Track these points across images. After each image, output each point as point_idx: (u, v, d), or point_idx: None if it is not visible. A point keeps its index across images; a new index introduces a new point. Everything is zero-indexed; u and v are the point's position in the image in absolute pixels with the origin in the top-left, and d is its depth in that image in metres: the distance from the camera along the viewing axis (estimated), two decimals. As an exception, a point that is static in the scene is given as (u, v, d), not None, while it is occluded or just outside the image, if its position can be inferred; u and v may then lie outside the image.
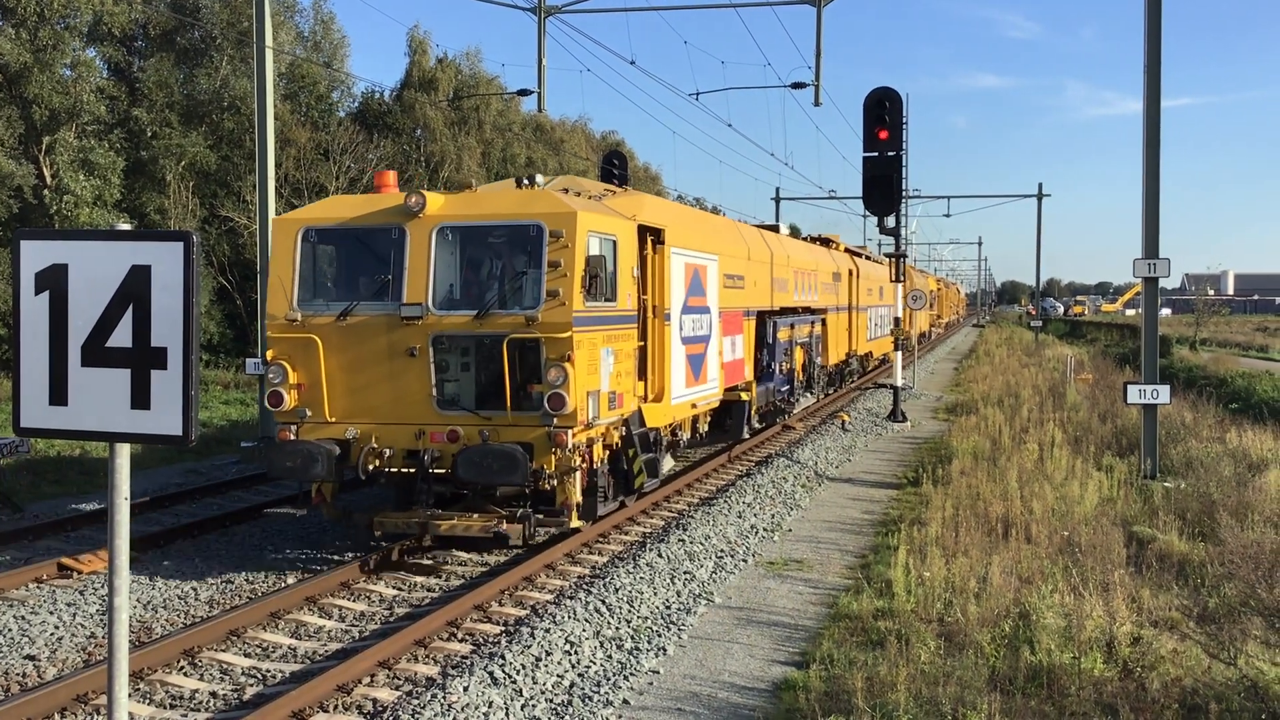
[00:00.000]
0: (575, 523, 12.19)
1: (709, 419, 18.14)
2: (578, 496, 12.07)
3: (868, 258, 39.96)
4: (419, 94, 48.78)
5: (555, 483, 11.82)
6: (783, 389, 22.07)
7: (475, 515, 12.11)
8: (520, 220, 12.03)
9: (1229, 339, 74.07)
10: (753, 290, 19.61)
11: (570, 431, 11.57)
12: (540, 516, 11.99)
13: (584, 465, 12.22)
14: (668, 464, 15.84)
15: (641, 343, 14.07)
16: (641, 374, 14.12)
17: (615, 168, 21.50)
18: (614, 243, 12.89)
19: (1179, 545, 12.39)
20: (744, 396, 18.80)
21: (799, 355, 23.98)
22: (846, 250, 33.38)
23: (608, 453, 13.26)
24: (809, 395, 25.63)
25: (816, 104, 27.38)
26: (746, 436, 20.26)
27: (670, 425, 15.60)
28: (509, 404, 11.65)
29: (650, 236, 14.48)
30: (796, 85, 29.19)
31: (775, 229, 24.94)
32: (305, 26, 46.40)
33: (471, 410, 11.89)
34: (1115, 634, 8.91)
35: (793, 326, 22.74)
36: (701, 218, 19.38)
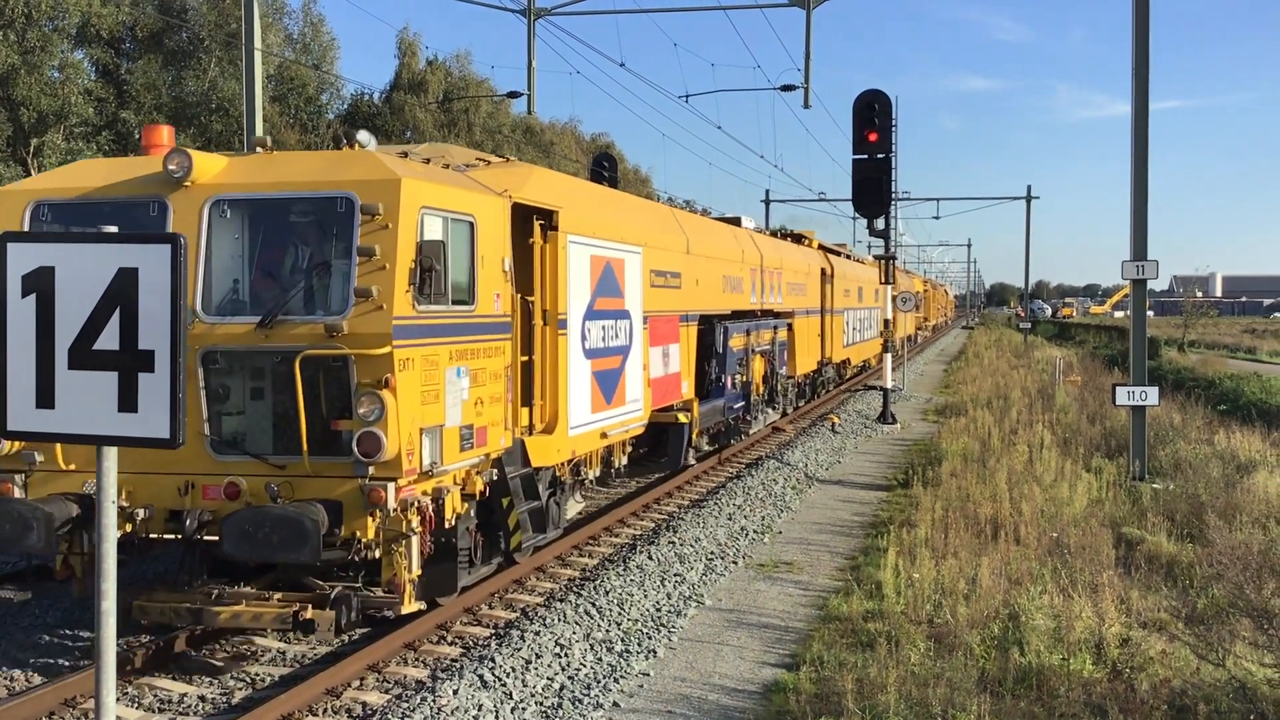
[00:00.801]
0: (410, 606, 8.99)
1: (629, 448, 15.22)
2: (411, 572, 8.87)
3: (847, 256, 37.86)
4: (408, 96, 48.75)
5: (380, 553, 8.80)
6: (736, 405, 19.44)
7: (276, 595, 9.03)
8: (323, 190, 8.91)
9: (1217, 341, 74.34)
10: (695, 290, 16.92)
11: (393, 485, 8.53)
12: (371, 593, 8.92)
13: (423, 529, 8.99)
14: (572, 508, 13.52)
15: (525, 357, 11.25)
16: (526, 398, 11.18)
17: (605, 169, 21.51)
18: (469, 225, 9.81)
19: (1168, 546, 12.43)
20: (682, 418, 16.00)
21: (759, 366, 21.35)
22: (821, 248, 31.06)
23: (471, 505, 10.09)
24: (771, 411, 23.07)
25: (806, 106, 27.48)
26: (691, 462, 17.64)
27: (571, 461, 12.62)
28: (306, 447, 8.55)
29: (538, 220, 11.41)
30: (786, 88, 29.31)
31: (736, 221, 22.35)
32: (294, 28, 46.31)
33: (259, 456, 8.79)
34: (1104, 635, 8.93)
35: (750, 333, 19.98)
36: (616, 199, 15.41)
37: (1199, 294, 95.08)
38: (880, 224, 25.12)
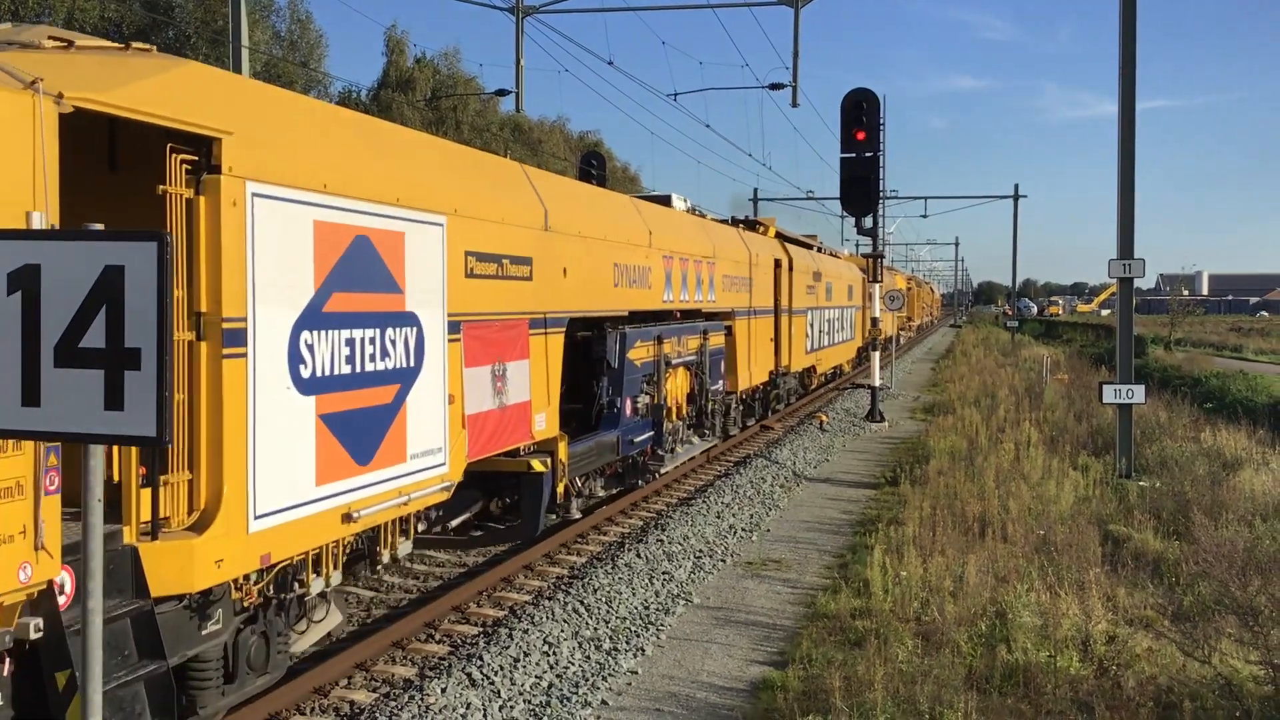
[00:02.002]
0: None
1: (421, 525, 10.00)
2: None
3: (818, 249, 34.00)
4: (396, 94, 48.67)
5: None
6: (639, 438, 14.70)
7: None
8: None
9: (1203, 339, 74.67)
10: (561, 284, 11.86)
11: None
12: None
13: None
14: (316, 632, 8.74)
15: None
16: (150, 478, 6.49)
17: (593, 168, 21.51)
18: None
19: (1154, 544, 12.48)
20: (537, 465, 11.32)
21: (679, 382, 16.96)
22: (780, 236, 26.58)
23: None
24: (698, 439, 18.46)
25: (794, 105, 27.50)
26: (576, 515, 13.30)
27: (272, 571, 7.55)
28: None
29: (177, 153, 6.67)
30: (774, 86, 29.31)
31: (666, 200, 18.44)
32: (281, 26, 46.21)
33: None
34: (1091, 632, 8.97)
35: (661, 340, 15.47)
36: (387, 135, 9.45)
37: (1185, 292, 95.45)
38: (868, 222, 25.17)
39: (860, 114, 22.18)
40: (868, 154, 22.22)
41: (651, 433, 15.37)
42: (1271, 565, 9.83)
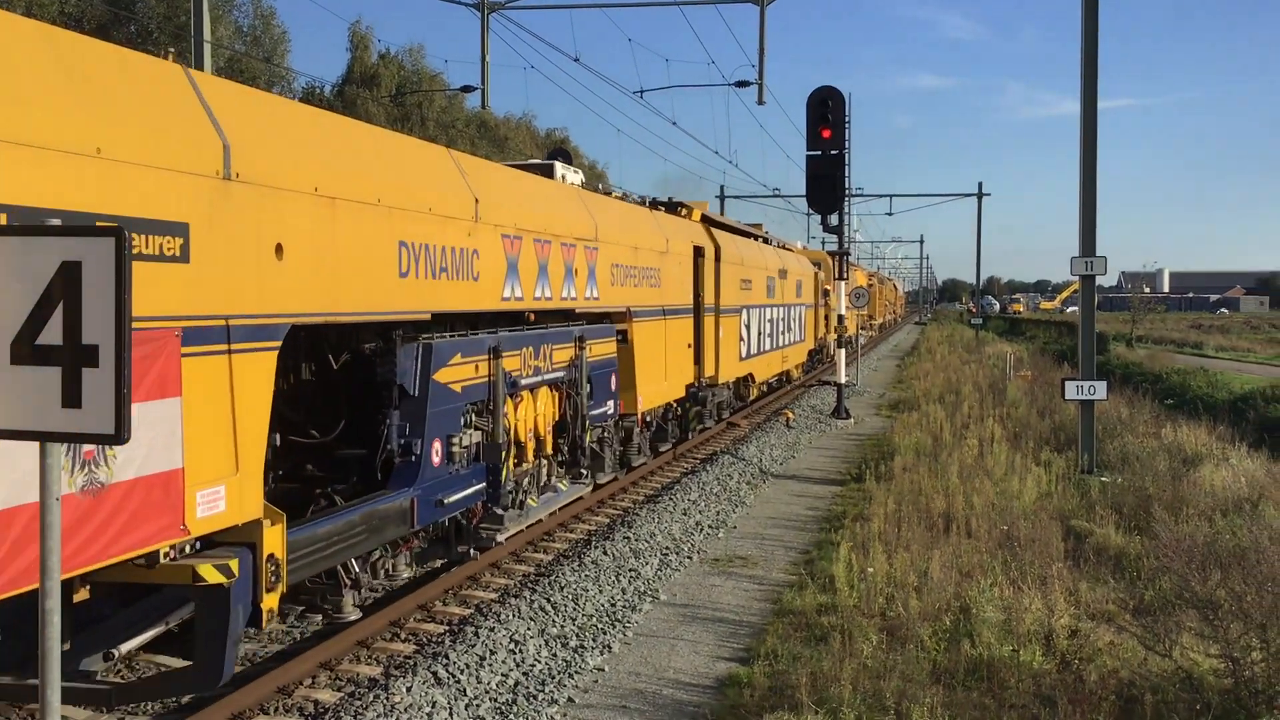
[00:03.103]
0: None
1: None
2: None
3: (765, 239, 29.96)
4: (361, 90, 48.42)
5: None
6: (455, 495, 10.43)
7: None
8: None
9: (1164, 336, 75.50)
10: (264, 270, 7.50)
11: None
12: None
13: None
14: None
15: None
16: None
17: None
18: None
19: (1115, 539, 12.59)
20: (210, 575, 6.96)
21: (537, 409, 12.69)
22: (707, 221, 21.92)
23: None
24: (568, 485, 13.90)
25: (760, 102, 27.55)
26: (346, 617, 9.47)
27: None
28: None
29: None
30: (741, 84, 29.35)
31: (548, 171, 15.08)
32: (244, 21, 45.85)
33: None
34: (1054, 627, 9.04)
35: (500, 354, 11.19)
36: None
37: (1147, 290, 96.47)
38: (834, 220, 25.26)
39: (825, 112, 22.25)
40: (833, 152, 22.30)
41: (482, 484, 10.99)
42: (1231, 560, 9.93)
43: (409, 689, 8.09)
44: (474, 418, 10.98)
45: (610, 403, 14.87)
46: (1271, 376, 37.35)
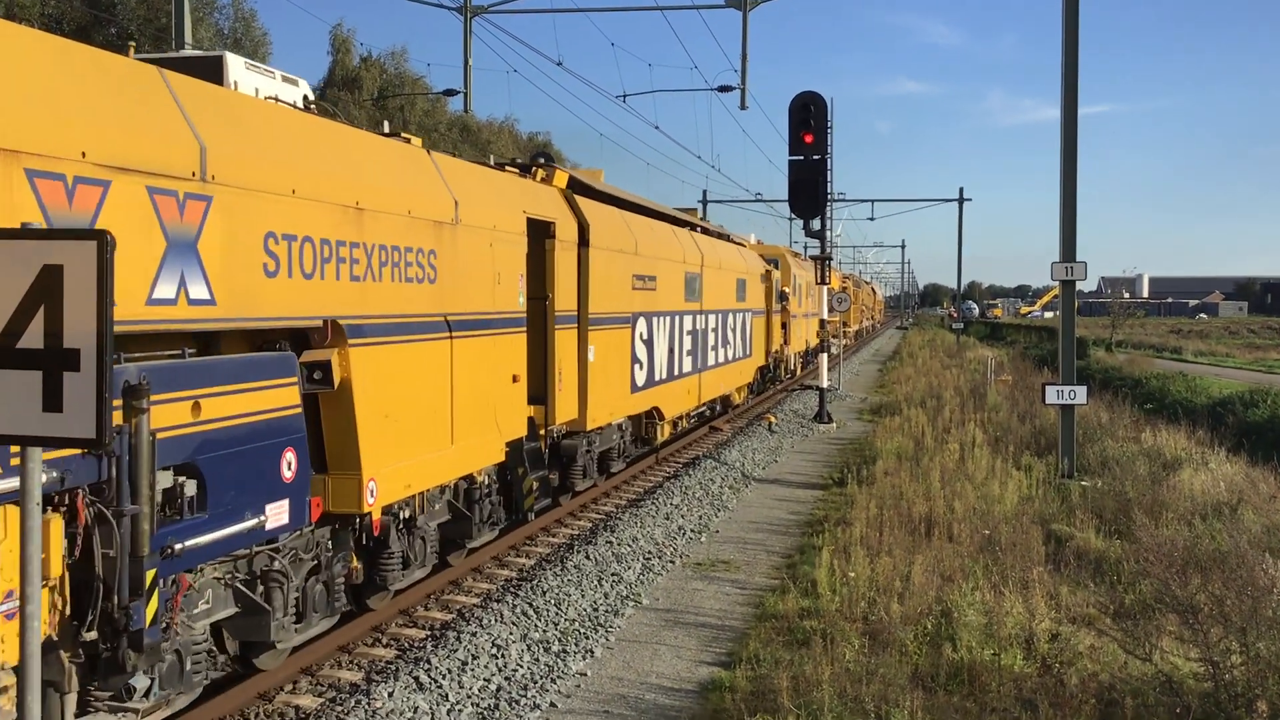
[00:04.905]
0: None
1: None
2: None
3: (699, 228, 24.57)
4: (343, 93, 48.30)
5: None
6: None
7: None
8: None
9: (1144, 341, 75.96)
10: None
11: None
12: None
13: None
14: None
15: None
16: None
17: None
18: None
19: (1096, 543, 12.65)
20: None
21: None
22: (574, 189, 15.33)
23: None
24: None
25: (743, 107, 27.64)
26: None
27: None
28: None
29: None
30: (723, 89, 29.40)
31: (215, 64, 9.25)
32: (225, 24, 45.71)
33: None
34: (1034, 631, 9.07)
35: None
36: None
37: (1126, 295, 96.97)
38: (816, 224, 25.32)
39: (808, 117, 22.31)
40: (815, 157, 22.35)
41: None
42: (1211, 564, 10.00)
43: (390, 694, 8.07)
44: None
45: (266, 511, 7.78)
46: (1250, 381, 37.60)
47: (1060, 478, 17.26)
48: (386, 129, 11.19)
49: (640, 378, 17.39)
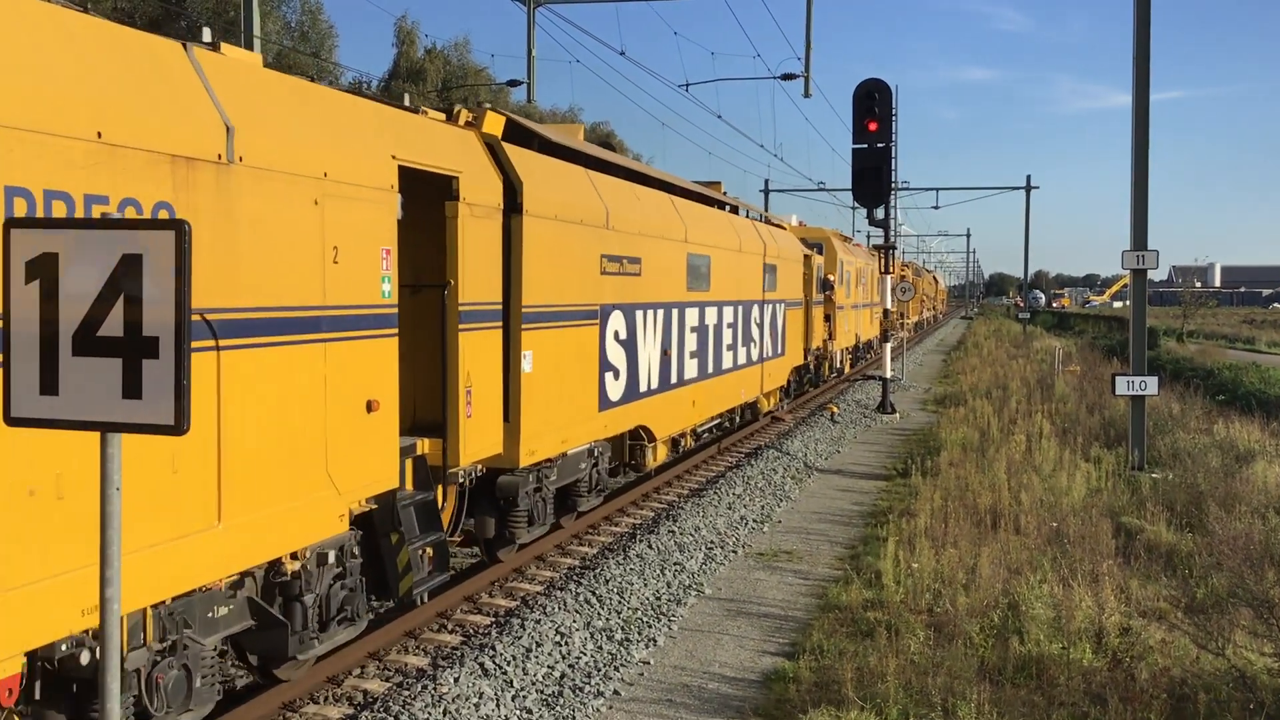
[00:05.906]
0: None
1: None
2: None
3: (725, 205, 20.58)
4: (407, 84, 48.67)
5: None
6: None
7: None
8: None
9: (1216, 331, 74.47)
10: None
11: None
12: None
13: None
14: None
15: None
16: None
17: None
18: None
19: (1167, 536, 12.45)
20: None
21: None
22: (511, 135, 11.40)
23: None
24: None
25: (806, 95, 27.42)
26: None
27: None
28: None
29: None
30: (786, 76, 29.18)
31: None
32: (292, 17, 46.26)
33: None
34: (1104, 624, 8.95)
35: None
36: None
37: (1198, 284, 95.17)
38: (880, 214, 25.10)
39: (872, 104, 22.09)
40: (879, 145, 22.13)
41: None
42: (1285, 558, 9.80)
43: (456, 680, 8.15)
44: None
45: None
46: (1326, 372, 36.67)
47: (1130, 470, 17.00)
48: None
49: (615, 390, 13.50)
